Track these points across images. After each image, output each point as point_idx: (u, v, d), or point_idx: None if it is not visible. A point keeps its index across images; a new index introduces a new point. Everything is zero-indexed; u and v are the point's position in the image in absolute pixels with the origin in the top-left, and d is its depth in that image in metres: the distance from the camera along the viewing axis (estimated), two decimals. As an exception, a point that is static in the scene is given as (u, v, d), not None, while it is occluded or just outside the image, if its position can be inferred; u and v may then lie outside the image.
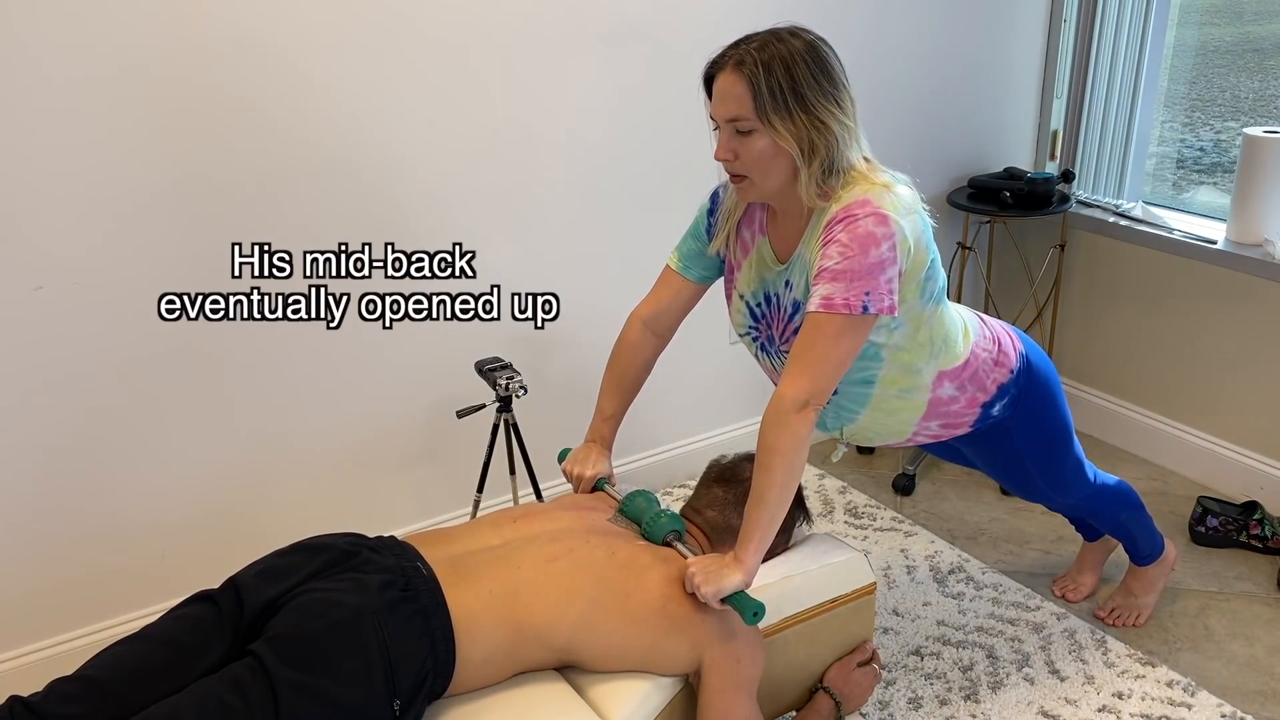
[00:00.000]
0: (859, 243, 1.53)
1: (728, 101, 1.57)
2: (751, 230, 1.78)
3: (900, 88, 2.92)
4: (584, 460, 1.89)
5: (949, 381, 1.80)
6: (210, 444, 2.22)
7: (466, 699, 1.55)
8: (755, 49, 1.55)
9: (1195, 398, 2.90)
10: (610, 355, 1.94)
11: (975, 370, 1.81)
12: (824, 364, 1.56)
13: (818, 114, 1.55)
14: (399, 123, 2.22)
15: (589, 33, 2.39)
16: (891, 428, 1.86)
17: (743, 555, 1.57)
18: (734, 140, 1.59)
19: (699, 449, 2.96)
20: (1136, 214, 3.00)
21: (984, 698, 2.15)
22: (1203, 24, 3.14)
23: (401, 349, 2.38)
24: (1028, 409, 1.91)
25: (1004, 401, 1.87)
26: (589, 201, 2.53)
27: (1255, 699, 2.14)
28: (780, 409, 1.56)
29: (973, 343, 1.81)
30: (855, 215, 1.54)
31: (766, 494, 1.57)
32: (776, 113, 1.54)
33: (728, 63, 1.57)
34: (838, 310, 1.54)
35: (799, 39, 1.57)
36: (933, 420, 1.84)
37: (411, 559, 1.56)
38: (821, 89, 1.55)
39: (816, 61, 1.56)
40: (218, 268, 2.11)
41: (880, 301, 1.54)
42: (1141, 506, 2.23)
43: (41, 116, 1.87)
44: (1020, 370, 1.88)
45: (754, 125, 1.56)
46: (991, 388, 1.85)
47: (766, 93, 1.53)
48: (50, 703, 1.37)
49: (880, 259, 1.53)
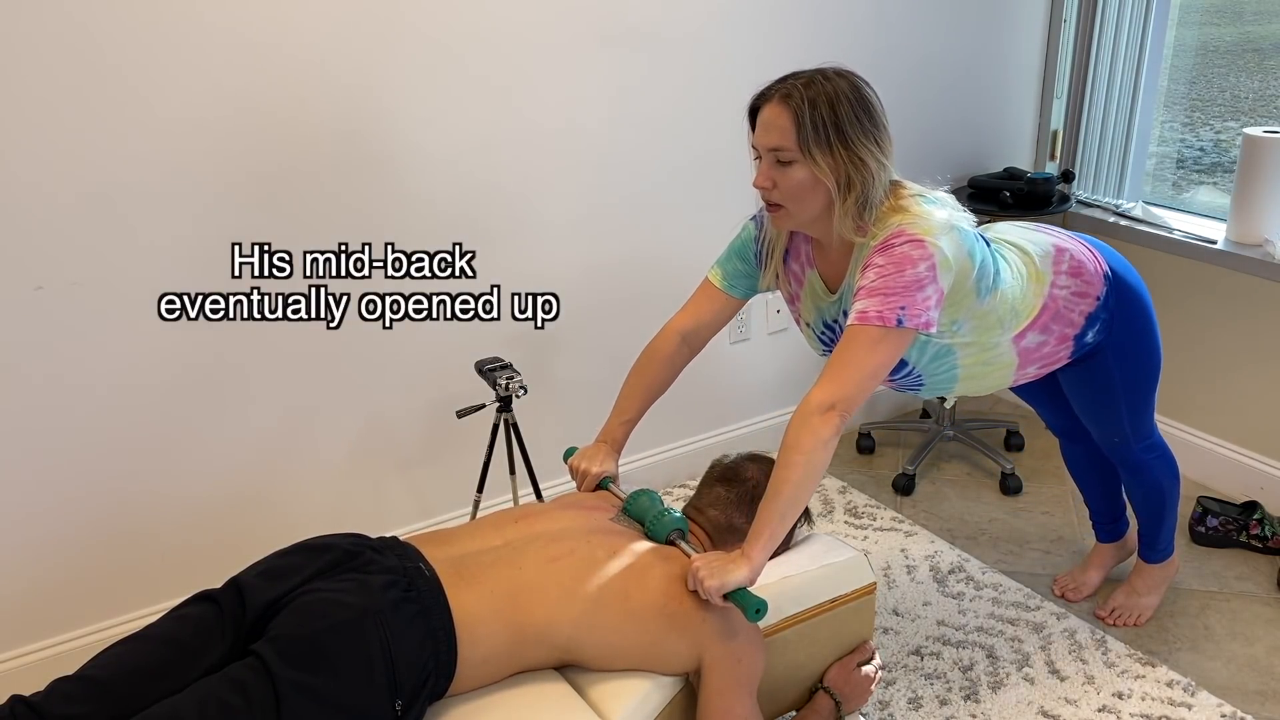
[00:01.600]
0: (895, 263, 1.60)
1: (772, 132, 1.63)
2: (800, 263, 1.85)
3: (900, 87, 2.92)
4: (592, 457, 1.90)
5: (1031, 332, 1.87)
6: (211, 444, 2.22)
7: (466, 699, 1.55)
8: (802, 85, 1.62)
9: (1195, 398, 2.90)
10: (640, 360, 1.95)
11: (1056, 311, 1.88)
12: (854, 372, 1.60)
13: (857, 151, 1.62)
14: (399, 123, 2.22)
15: (589, 32, 2.39)
16: (991, 384, 1.95)
17: (751, 551, 1.57)
18: (774, 170, 1.65)
19: (699, 449, 2.96)
20: (1136, 214, 3.00)
21: (984, 698, 2.15)
22: (1203, 24, 3.15)
23: (401, 349, 2.38)
24: (1123, 328, 1.96)
25: (1096, 328, 1.94)
26: (589, 201, 2.53)
27: (1255, 699, 2.14)
28: (806, 410, 1.60)
29: (1048, 285, 1.87)
30: (892, 244, 1.62)
31: (781, 489, 1.58)
32: (818, 146, 1.61)
33: (775, 95, 1.64)
34: (871, 322, 1.60)
35: (844, 80, 1.64)
36: (1029, 365, 1.93)
37: (414, 559, 1.56)
38: (863, 128, 1.62)
39: (859, 101, 1.63)
40: (218, 268, 2.11)
41: (916, 318, 1.60)
42: (1178, 492, 2.26)
43: (41, 116, 1.87)
44: (1108, 292, 1.93)
45: (795, 156, 1.62)
46: (1079, 320, 1.91)
47: (810, 126, 1.60)
48: (51, 702, 1.37)
49: (918, 278, 1.59)
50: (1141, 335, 2.01)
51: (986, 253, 1.75)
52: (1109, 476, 2.37)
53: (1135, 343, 2.00)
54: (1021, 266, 1.86)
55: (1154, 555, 2.33)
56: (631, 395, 1.95)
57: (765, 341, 2.99)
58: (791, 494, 1.58)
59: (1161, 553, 2.33)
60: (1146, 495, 2.25)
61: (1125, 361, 2.00)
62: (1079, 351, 1.96)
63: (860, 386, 1.61)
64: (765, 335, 2.98)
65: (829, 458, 1.60)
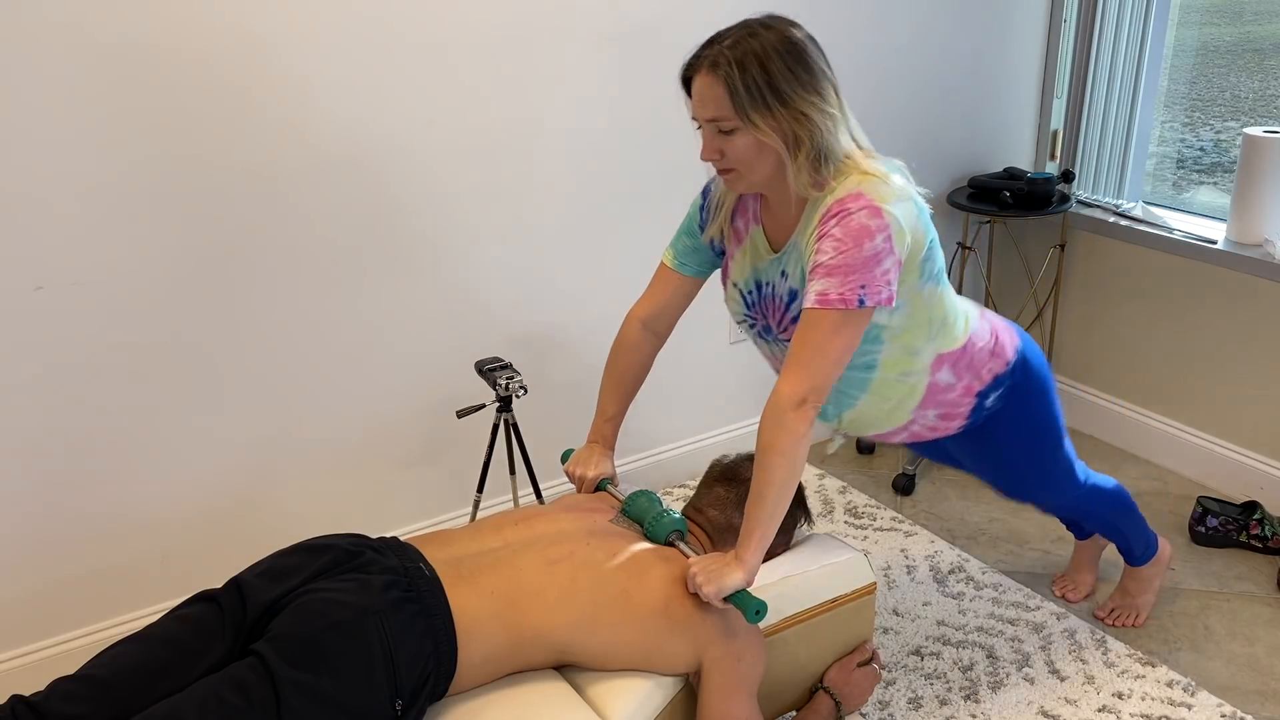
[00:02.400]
0: (853, 236, 1.53)
1: (707, 103, 1.56)
2: (745, 219, 1.77)
3: (900, 88, 2.92)
4: (586, 461, 1.89)
5: (947, 366, 1.80)
6: (211, 444, 2.22)
7: (466, 699, 1.55)
8: (728, 47, 1.54)
9: (1195, 398, 2.90)
10: (609, 355, 1.94)
11: (971, 358, 1.82)
12: (821, 359, 1.56)
13: (798, 106, 1.54)
14: (399, 123, 2.22)
15: (589, 32, 2.39)
16: (890, 415, 1.85)
17: (744, 554, 1.58)
18: (718, 139, 1.59)
19: (699, 449, 2.96)
20: (1136, 214, 3.00)
21: (984, 698, 2.15)
22: (1203, 24, 3.15)
23: (401, 349, 2.39)
24: (1021, 402, 1.91)
25: (999, 392, 1.87)
26: (590, 201, 2.53)
27: (1255, 699, 2.14)
28: (778, 407, 1.56)
29: (971, 330, 1.82)
30: (848, 209, 1.54)
31: (766, 492, 1.57)
32: (755, 110, 1.53)
33: (703, 64, 1.56)
34: (833, 305, 1.54)
35: (773, 31, 1.55)
36: (930, 409, 1.84)
37: (414, 560, 1.56)
38: (799, 80, 1.53)
39: (791, 53, 1.54)
40: (218, 267, 2.11)
41: (877, 294, 1.54)
42: (1133, 507, 2.22)
43: (40, 116, 1.87)
44: (1016, 364, 1.88)
45: (735, 124, 1.55)
46: (987, 377, 1.84)
47: (744, 91, 1.52)
48: (52, 702, 1.37)
49: (875, 251, 1.53)
50: (1040, 406, 1.94)
51: (936, 240, 1.69)
52: None
53: (1031, 414, 1.94)
54: (955, 299, 1.82)
55: (1134, 560, 2.31)
56: (609, 391, 1.94)
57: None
58: (776, 495, 1.57)
59: (1141, 557, 2.30)
60: (1100, 528, 2.24)
61: (1020, 429, 1.94)
62: (976, 415, 1.88)
63: (827, 374, 1.57)
64: (765, 335, 2.98)
65: (807, 450, 1.59)
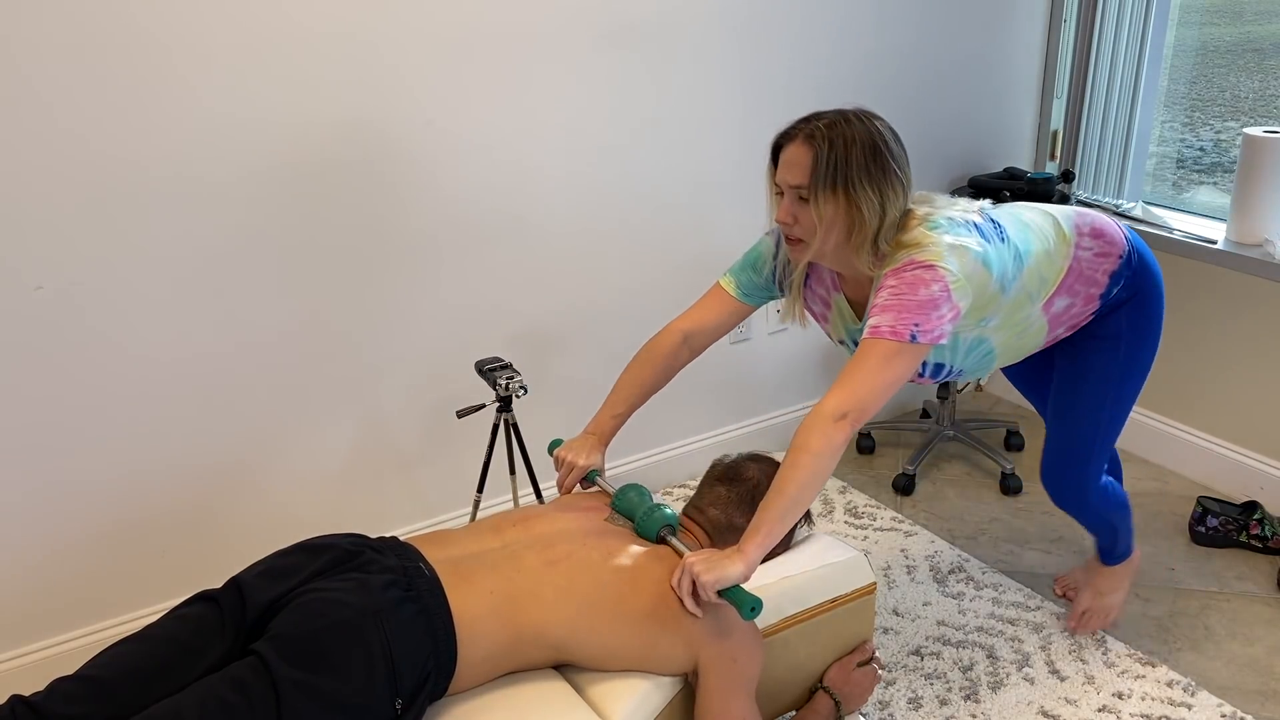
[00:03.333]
0: (908, 284, 1.65)
1: (794, 169, 1.68)
2: (825, 287, 1.91)
3: (900, 88, 2.92)
4: (578, 450, 1.90)
5: (1058, 298, 1.90)
6: (211, 443, 2.22)
7: (466, 698, 1.55)
8: (825, 126, 1.67)
9: (1195, 398, 2.90)
10: (639, 355, 1.94)
11: (1080, 272, 1.91)
12: (868, 382, 1.62)
13: (858, 199, 1.66)
14: (399, 123, 2.22)
15: (590, 32, 2.39)
16: (1026, 349, 1.99)
17: (746, 547, 1.57)
18: (795, 205, 1.70)
19: (699, 449, 2.96)
20: (1136, 214, 3.00)
21: (984, 698, 2.15)
22: (1203, 24, 3.15)
23: (401, 349, 2.39)
24: (1141, 294, 1.97)
25: (1120, 285, 1.95)
26: (590, 200, 2.54)
27: (1255, 699, 2.14)
28: (820, 415, 1.61)
29: (1072, 246, 1.90)
30: (904, 270, 1.67)
31: (786, 488, 1.58)
32: (824, 188, 1.66)
33: (799, 134, 1.68)
34: (884, 336, 1.63)
35: (864, 124, 1.68)
36: (1059, 328, 1.96)
37: (414, 559, 1.56)
38: (870, 175, 1.66)
39: (873, 149, 1.66)
40: (218, 267, 2.11)
41: (929, 334, 1.63)
42: (1129, 505, 2.25)
43: (40, 116, 1.87)
44: (1129, 252, 1.95)
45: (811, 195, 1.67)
46: (1103, 279, 1.93)
47: (824, 167, 1.65)
48: (52, 702, 1.37)
49: (932, 297, 1.63)
50: (1154, 307, 2.00)
51: (1003, 249, 1.77)
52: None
53: (1148, 311, 1.99)
54: (1048, 229, 1.89)
55: (1113, 560, 2.30)
56: (626, 389, 1.95)
57: (765, 341, 2.99)
58: (795, 493, 1.58)
59: (1120, 557, 2.29)
60: (1095, 525, 2.23)
61: (1136, 329, 1.99)
62: (1104, 305, 1.96)
63: (874, 398, 1.63)
64: (765, 335, 2.98)
65: (835, 463, 1.61)
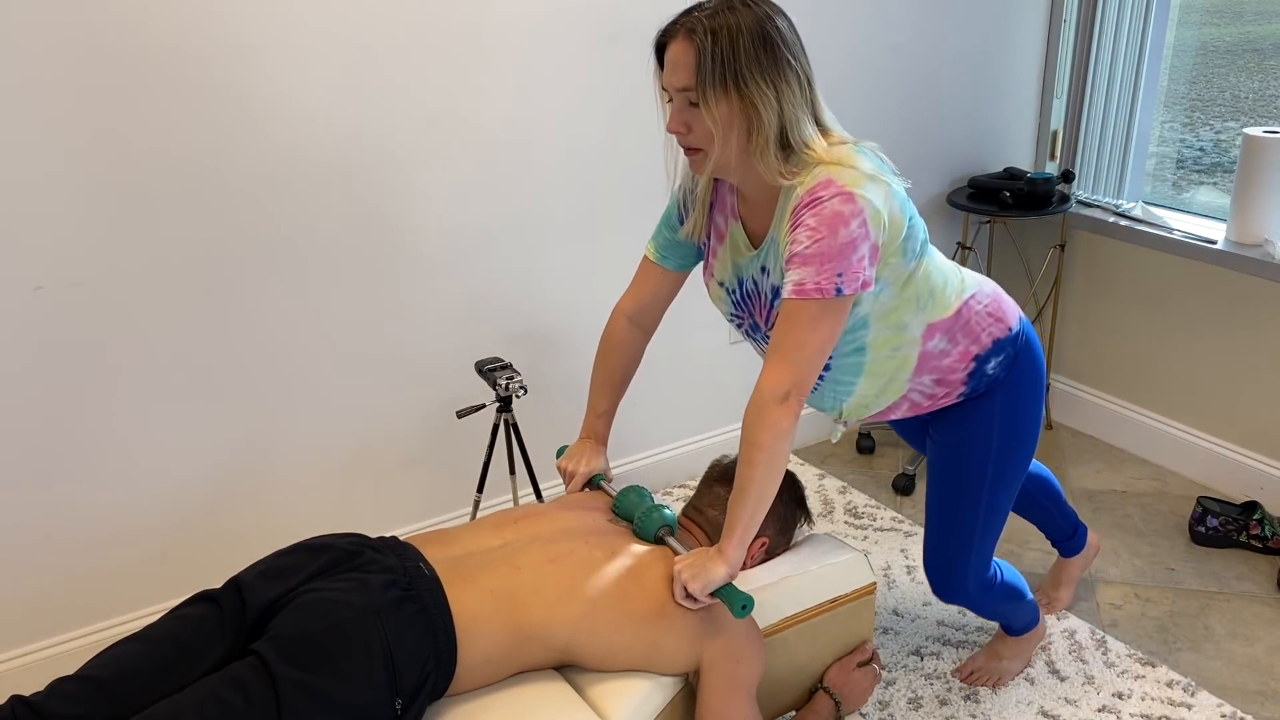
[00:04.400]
0: (827, 224, 1.50)
1: (679, 70, 1.52)
2: (724, 215, 1.74)
3: (900, 88, 2.92)
4: (578, 457, 1.90)
5: (939, 333, 1.75)
6: (211, 444, 2.22)
7: (466, 699, 1.55)
8: (706, 16, 1.50)
9: (1195, 398, 2.90)
10: (597, 352, 1.93)
11: (967, 320, 1.77)
12: (802, 352, 1.54)
13: (750, 93, 1.50)
14: (398, 123, 2.22)
15: (588, 31, 2.39)
16: (885, 390, 1.80)
17: (725, 547, 1.57)
18: (686, 112, 1.54)
19: (699, 449, 2.96)
20: (1136, 214, 3.00)
21: (984, 697, 2.15)
22: (1203, 24, 3.15)
23: (401, 349, 2.39)
24: (1019, 379, 1.84)
25: (1000, 359, 1.80)
26: (589, 200, 2.53)
27: (1255, 699, 2.14)
28: (761, 402, 1.55)
29: (968, 293, 1.77)
30: (820, 197, 1.51)
31: (748, 488, 1.57)
32: (712, 86, 1.49)
33: (679, 30, 1.52)
34: (810, 295, 1.51)
35: (750, 11, 1.50)
36: (925, 374, 1.79)
37: (413, 559, 1.56)
38: (760, 65, 1.49)
39: (761, 37, 1.49)
40: (218, 267, 2.11)
41: (854, 281, 1.52)
42: (1023, 591, 2.09)
43: (41, 117, 1.87)
44: (1019, 332, 1.82)
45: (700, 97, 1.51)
46: (986, 341, 1.78)
47: (709, 63, 1.48)
48: (52, 702, 1.37)
49: (851, 238, 1.50)
50: (1032, 403, 1.86)
51: (916, 215, 1.65)
52: (1042, 500, 2.27)
53: (1025, 406, 1.85)
54: (951, 267, 1.78)
55: (1017, 631, 2.18)
56: (599, 387, 1.93)
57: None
58: (758, 490, 1.57)
59: (1025, 629, 2.17)
60: (990, 615, 2.09)
61: (1010, 418, 1.84)
62: (974, 384, 1.82)
63: (810, 366, 1.55)
64: (765, 335, 2.98)
65: (790, 445, 1.57)
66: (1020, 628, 2.16)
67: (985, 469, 1.88)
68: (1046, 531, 2.34)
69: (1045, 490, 2.27)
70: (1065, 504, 2.31)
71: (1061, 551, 2.38)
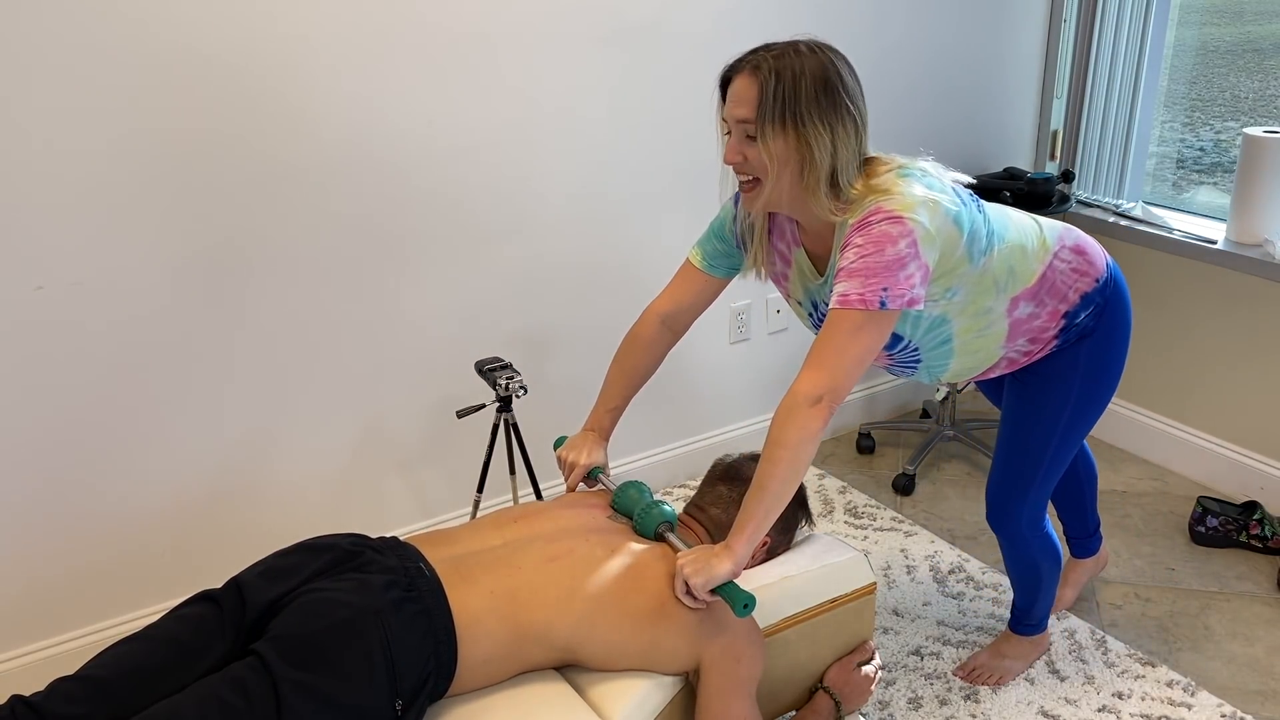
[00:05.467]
0: (874, 242, 1.56)
1: (740, 103, 1.59)
2: (786, 242, 1.81)
3: (900, 88, 2.92)
4: (579, 448, 1.89)
5: (1024, 301, 1.82)
6: (212, 444, 2.22)
7: (466, 699, 1.55)
8: (774, 57, 1.58)
9: (1195, 398, 2.90)
10: (621, 346, 1.93)
11: (1052, 283, 1.83)
12: (840, 359, 1.56)
13: (806, 135, 1.57)
14: (399, 122, 2.22)
15: (589, 31, 2.39)
16: (982, 361, 1.90)
17: (734, 544, 1.57)
18: (744, 144, 1.61)
19: (700, 448, 2.96)
20: (1136, 214, 3.00)
21: (984, 697, 2.15)
22: (1203, 24, 3.15)
23: (401, 349, 2.39)
24: (1109, 327, 1.89)
25: (1089, 310, 1.86)
26: (590, 200, 2.54)
27: (1255, 699, 2.14)
28: (793, 403, 1.56)
29: (1049, 256, 1.82)
30: (869, 221, 1.58)
31: (767, 485, 1.57)
32: (771, 124, 1.57)
33: (745, 66, 1.60)
34: (854, 305, 1.55)
35: (815, 57, 1.58)
36: (1019, 338, 1.86)
37: (414, 559, 1.56)
38: (819, 109, 1.57)
39: (823, 82, 1.57)
40: (219, 267, 2.11)
41: (900, 298, 1.56)
42: (1059, 564, 2.14)
43: (39, 117, 1.87)
44: (1107, 280, 1.87)
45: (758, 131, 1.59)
46: (1074, 297, 1.85)
47: (770, 100, 1.56)
48: (52, 702, 1.37)
49: (899, 255, 1.55)
50: (1117, 348, 1.91)
51: (978, 217, 1.70)
52: (1083, 487, 2.32)
53: (1111, 351, 1.90)
54: (1030, 228, 1.82)
55: (1025, 629, 2.22)
56: (615, 383, 1.94)
57: (765, 341, 2.99)
58: (777, 489, 1.57)
59: (1034, 628, 2.21)
60: (1023, 571, 2.13)
61: (1094, 365, 1.89)
62: (1065, 335, 1.87)
63: (848, 374, 1.57)
64: (765, 335, 2.98)
65: (815, 451, 1.58)
66: (1036, 616, 2.20)
67: (1062, 413, 1.94)
68: (1069, 523, 2.38)
69: (1089, 475, 2.33)
70: (1095, 501, 2.36)
71: (1074, 550, 2.41)
